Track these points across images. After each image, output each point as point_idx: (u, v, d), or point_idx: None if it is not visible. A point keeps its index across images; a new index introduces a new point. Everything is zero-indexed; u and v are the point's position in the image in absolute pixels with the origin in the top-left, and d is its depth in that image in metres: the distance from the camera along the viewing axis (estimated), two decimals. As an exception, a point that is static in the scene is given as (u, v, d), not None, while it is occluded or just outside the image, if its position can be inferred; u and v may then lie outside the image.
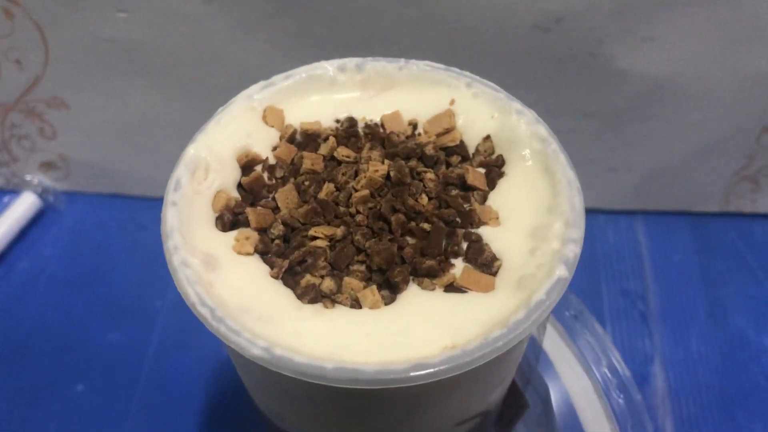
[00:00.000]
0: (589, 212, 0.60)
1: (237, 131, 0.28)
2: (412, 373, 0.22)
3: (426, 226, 0.26)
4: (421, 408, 0.25)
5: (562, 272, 0.24)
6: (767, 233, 0.58)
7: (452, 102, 0.30)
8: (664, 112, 0.53)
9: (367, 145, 0.29)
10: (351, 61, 0.31)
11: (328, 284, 0.25)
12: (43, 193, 0.60)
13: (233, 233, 0.27)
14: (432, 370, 0.22)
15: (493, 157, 0.29)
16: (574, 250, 0.25)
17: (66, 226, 0.60)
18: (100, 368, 0.51)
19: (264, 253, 0.26)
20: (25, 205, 0.60)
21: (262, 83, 0.30)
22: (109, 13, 0.51)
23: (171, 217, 0.25)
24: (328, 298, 0.25)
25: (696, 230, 0.58)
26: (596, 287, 0.55)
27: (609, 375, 0.34)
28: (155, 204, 0.59)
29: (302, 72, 0.30)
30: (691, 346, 0.52)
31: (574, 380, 0.34)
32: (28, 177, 0.61)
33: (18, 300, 0.55)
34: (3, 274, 0.56)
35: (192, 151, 0.27)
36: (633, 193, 0.58)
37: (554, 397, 0.34)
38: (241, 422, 0.49)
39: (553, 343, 0.35)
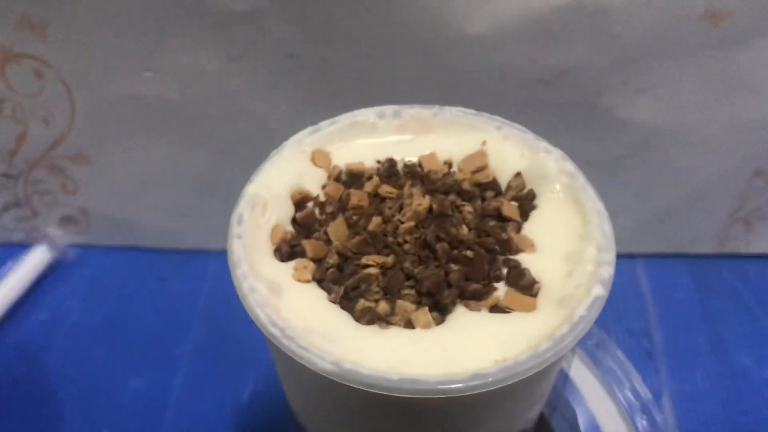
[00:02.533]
0: (592, 255, 0.62)
1: (289, 172, 0.31)
2: (471, 383, 0.24)
3: (469, 253, 0.28)
4: (472, 423, 0.27)
5: (599, 291, 0.26)
6: (762, 273, 0.61)
7: (484, 143, 0.33)
8: (659, 159, 0.57)
9: (408, 182, 0.31)
10: (389, 108, 0.33)
11: (383, 307, 0.27)
12: (62, 247, 0.62)
13: (292, 263, 0.29)
14: (489, 379, 0.24)
15: (524, 192, 0.32)
16: (608, 271, 0.27)
17: (85, 278, 0.61)
18: (124, 414, 0.52)
19: (321, 280, 0.28)
20: (43, 258, 0.61)
21: (310, 129, 0.33)
22: (135, 72, 0.53)
23: (237, 248, 0.28)
24: (383, 320, 0.27)
25: (694, 271, 0.61)
26: (603, 327, 0.57)
27: (632, 398, 0.36)
28: (173, 256, 0.62)
29: (345, 119, 0.33)
30: (696, 380, 0.54)
31: (599, 404, 0.36)
32: (47, 230, 0.62)
33: (39, 350, 0.56)
34: (23, 324, 0.57)
35: (251, 189, 0.30)
36: (633, 237, 0.61)
37: (581, 420, 0.35)
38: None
39: (579, 371, 0.37)
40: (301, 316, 0.26)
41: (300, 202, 0.31)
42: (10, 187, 0.59)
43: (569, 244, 0.29)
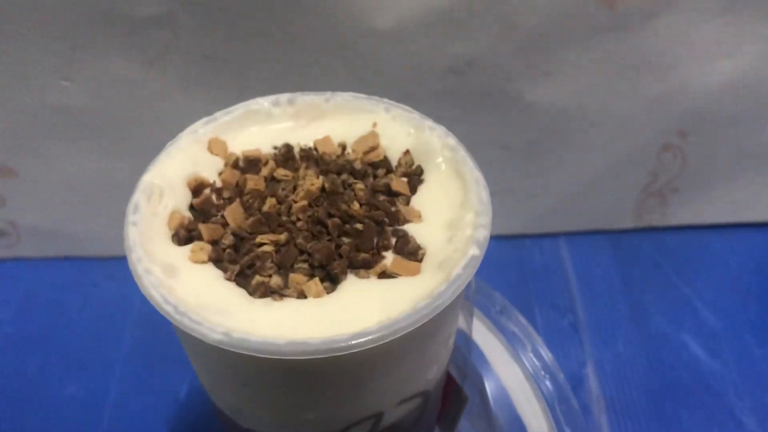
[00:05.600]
0: (515, 237, 0.65)
1: (185, 160, 0.32)
2: (353, 341, 0.25)
3: (359, 226, 0.30)
4: (364, 382, 0.29)
5: (474, 251, 0.28)
6: (679, 242, 0.64)
7: (375, 125, 0.34)
8: (571, 140, 0.59)
9: (303, 164, 0.33)
10: (283, 96, 0.35)
11: (275, 281, 0.28)
12: (-7, 261, 0.62)
13: (188, 246, 0.30)
14: (370, 337, 0.25)
15: (413, 167, 0.33)
16: (483, 233, 0.29)
17: (18, 290, 0.61)
18: (60, 421, 0.53)
19: (217, 260, 0.30)
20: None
21: (205, 119, 0.34)
22: (53, 82, 0.54)
23: (132, 234, 0.29)
24: (277, 293, 0.28)
25: (614, 245, 0.64)
26: (528, 305, 0.59)
27: (534, 360, 0.38)
28: (106, 263, 0.62)
29: (240, 108, 0.35)
30: (618, 348, 0.56)
31: (504, 368, 0.38)
32: (-22, 246, 0.62)
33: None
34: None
35: (146, 179, 0.31)
36: (553, 217, 0.63)
37: (488, 385, 0.37)
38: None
39: (483, 337, 0.39)
40: (195, 294, 0.28)
41: (197, 189, 0.32)
42: (-64, 205, 0.59)
43: (451, 212, 0.31)
